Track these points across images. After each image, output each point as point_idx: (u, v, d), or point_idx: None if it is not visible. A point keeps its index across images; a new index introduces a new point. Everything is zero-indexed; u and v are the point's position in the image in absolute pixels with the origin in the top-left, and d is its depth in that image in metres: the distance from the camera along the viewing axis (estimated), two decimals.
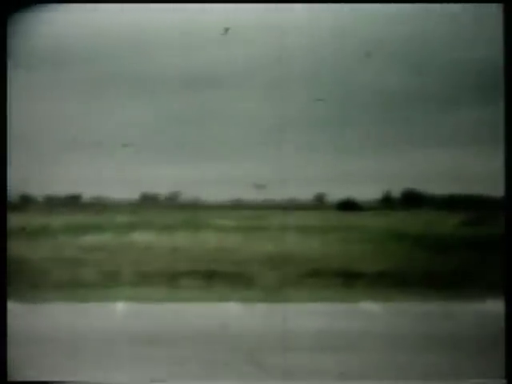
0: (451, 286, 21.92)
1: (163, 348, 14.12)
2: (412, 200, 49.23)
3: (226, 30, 23.36)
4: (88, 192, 46.73)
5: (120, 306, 19.25)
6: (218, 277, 23.55)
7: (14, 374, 8.95)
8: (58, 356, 13.34)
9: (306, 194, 47.27)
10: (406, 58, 29.73)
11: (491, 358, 13.29)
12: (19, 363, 10.95)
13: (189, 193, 51.25)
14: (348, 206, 50.67)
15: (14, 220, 11.93)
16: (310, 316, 18.14)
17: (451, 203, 45.63)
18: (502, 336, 15.41)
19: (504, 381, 10.98)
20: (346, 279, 23.16)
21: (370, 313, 18.72)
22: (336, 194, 47.53)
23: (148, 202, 53.68)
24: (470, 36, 24.43)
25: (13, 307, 9.48)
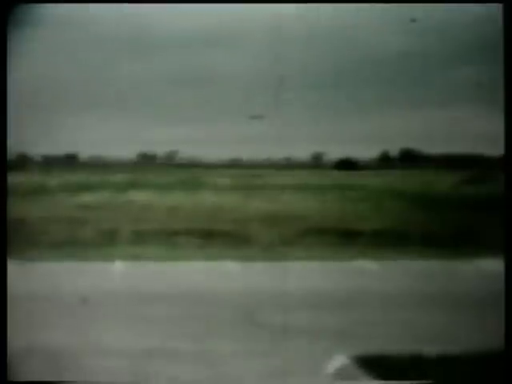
0: (449, 244, 21.98)
1: (161, 307, 14.17)
2: (410, 159, 49.25)
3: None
4: (86, 151, 46.64)
5: (118, 265, 19.30)
6: (216, 235, 23.59)
7: (14, 339, 9.00)
8: (57, 314, 13.39)
9: (303, 153, 47.24)
10: (403, 17, 29.48)
11: (489, 315, 13.35)
12: (19, 324, 11.00)
13: (186, 152, 51.14)
14: (346, 165, 50.67)
15: (12, 179, 11.93)
16: (308, 274, 18.20)
17: (449, 162, 45.64)
18: (500, 294, 15.46)
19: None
20: (344, 238, 23.20)
21: (367, 271, 18.78)
22: (334, 153, 47.51)
23: (146, 161, 53.70)
24: None
25: (11, 266, 9.49)
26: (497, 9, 10.80)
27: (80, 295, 14.79)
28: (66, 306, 14.26)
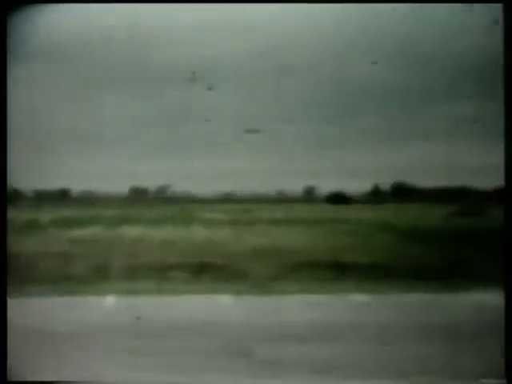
0: (441, 278, 22.02)
1: (153, 340, 14.17)
2: (401, 193, 49.35)
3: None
4: (77, 186, 46.60)
5: (110, 299, 19.28)
6: (208, 269, 23.60)
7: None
8: (49, 350, 13.37)
9: (295, 187, 47.31)
10: (397, 51, 29.76)
11: (480, 347, 13.40)
12: (11, 359, 11.00)
13: (178, 186, 51.14)
14: (337, 199, 50.75)
15: None
16: (300, 308, 18.21)
17: (440, 195, 45.77)
18: (491, 326, 15.51)
19: (504, 381, 11.06)
20: (336, 271, 23.23)
21: (359, 304, 18.80)
22: (325, 187, 47.58)
23: (137, 195, 53.62)
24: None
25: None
26: (490, 38, 10.93)
27: (71, 329, 14.78)
28: (58, 340, 14.25)
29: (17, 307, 16.83)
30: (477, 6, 16.11)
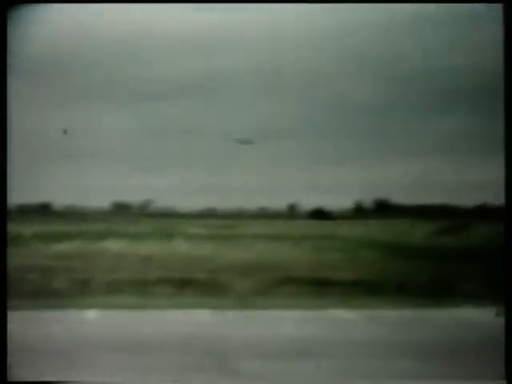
0: (424, 294, 22.04)
1: (135, 355, 14.08)
2: (384, 209, 49.42)
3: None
4: (60, 201, 46.40)
5: (92, 314, 19.18)
6: (190, 285, 23.52)
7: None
8: (31, 363, 13.26)
9: (278, 202, 47.27)
10: (382, 68, 29.85)
11: (465, 363, 13.39)
12: None
13: (160, 202, 51.01)
14: (320, 215, 50.75)
15: None
16: (283, 323, 18.16)
17: (423, 213, 45.87)
18: (474, 341, 15.51)
19: (504, 381, 11.05)
20: (319, 287, 23.21)
21: (342, 320, 18.77)
22: (308, 203, 47.59)
23: (120, 210, 53.47)
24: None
25: None
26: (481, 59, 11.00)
27: (53, 343, 14.67)
28: (40, 353, 14.14)
29: None
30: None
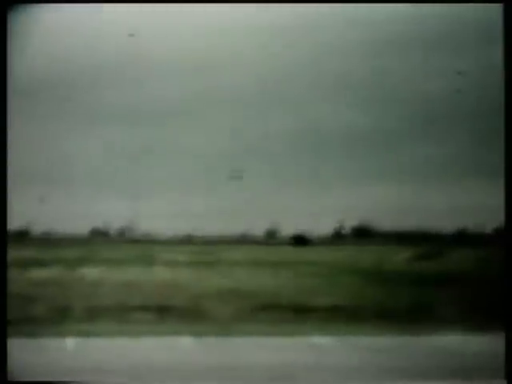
0: (403, 320, 22.07)
1: (115, 382, 14.02)
2: (363, 235, 49.53)
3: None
4: (37, 227, 46.15)
5: (70, 341, 19.07)
6: (170, 311, 23.46)
7: None
8: None
9: (257, 228, 47.25)
10: (360, 93, 30.03)
11: None
12: None
13: (139, 227, 50.82)
14: (299, 241, 50.79)
15: None
16: (262, 350, 18.13)
17: (402, 238, 46.01)
18: (453, 368, 15.55)
19: (504, 381, 11.08)
20: (298, 313, 23.20)
21: (321, 346, 18.76)
22: (287, 229, 47.59)
23: (98, 236, 53.24)
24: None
25: None
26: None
27: (30, 371, 14.56)
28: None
29: None
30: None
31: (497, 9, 11.57)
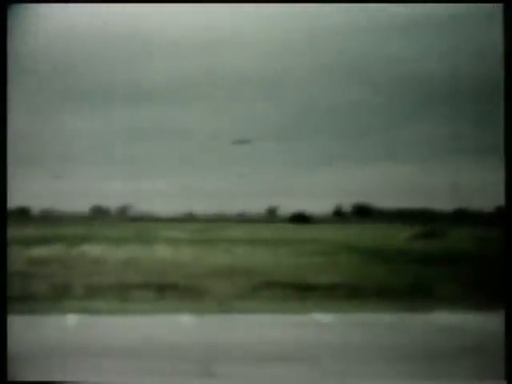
0: (403, 298, 22.14)
1: (115, 360, 14.06)
2: (363, 213, 49.60)
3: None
4: (38, 205, 46.25)
5: (71, 318, 19.13)
6: (170, 289, 23.50)
7: None
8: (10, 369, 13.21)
9: (257, 207, 47.36)
10: (360, 73, 29.95)
11: (445, 368, 13.47)
12: None
13: (140, 206, 50.95)
14: (299, 219, 50.86)
15: None
16: (263, 327, 18.18)
17: (402, 217, 46.09)
18: (451, 346, 15.62)
19: (504, 381, 11.12)
20: (299, 291, 23.26)
21: (322, 324, 18.82)
22: (288, 207, 47.69)
23: (99, 215, 53.35)
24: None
25: None
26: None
27: (31, 348, 14.61)
28: (19, 359, 14.08)
29: None
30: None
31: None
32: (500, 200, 12.50)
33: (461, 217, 41.78)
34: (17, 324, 18.26)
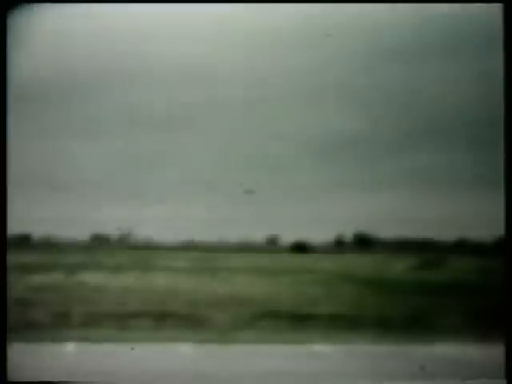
0: (402, 329, 22.08)
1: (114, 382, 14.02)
2: (363, 243, 49.56)
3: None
4: (38, 232, 46.25)
5: (70, 347, 19.08)
6: (169, 318, 23.45)
7: None
8: None
9: (258, 235, 47.35)
10: (358, 101, 30.06)
11: None
12: None
13: (140, 233, 50.95)
14: (300, 248, 50.81)
15: None
16: (262, 357, 18.12)
17: (402, 247, 46.04)
18: (450, 377, 15.53)
19: (504, 381, 11.07)
20: (298, 321, 23.20)
21: (321, 354, 18.76)
22: (288, 236, 47.67)
23: (98, 242, 53.25)
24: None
25: None
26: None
27: (30, 376, 14.55)
28: None
29: None
30: None
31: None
32: (499, 230, 12.51)
33: (460, 247, 41.75)
34: (14, 352, 18.19)
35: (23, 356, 17.69)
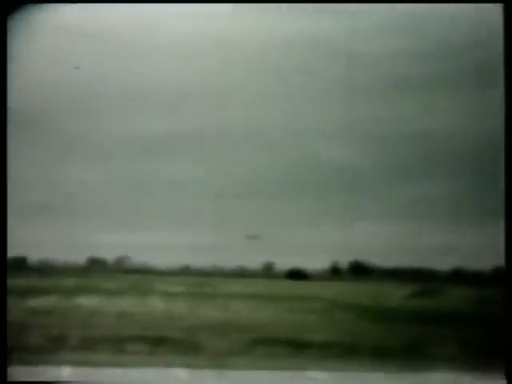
0: (398, 357, 22.05)
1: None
2: (360, 271, 49.53)
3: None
4: (34, 255, 46.16)
5: (66, 371, 19.04)
6: (165, 343, 23.42)
7: None
8: None
9: (254, 262, 47.31)
10: (359, 131, 30.20)
11: None
12: None
13: (136, 258, 50.87)
14: (296, 275, 50.74)
15: None
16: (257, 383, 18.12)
17: (398, 275, 46.00)
18: None
19: (504, 381, 11.08)
20: (294, 348, 23.17)
21: (317, 381, 18.73)
22: (285, 263, 47.64)
23: (95, 266, 53.12)
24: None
25: None
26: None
27: None
28: None
29: None
30: None
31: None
32: (497, 261, 12.57)
33: (458, 277, 41.76)
34: (12, 375, 18.15)
35: (19, 379, 17.68)
